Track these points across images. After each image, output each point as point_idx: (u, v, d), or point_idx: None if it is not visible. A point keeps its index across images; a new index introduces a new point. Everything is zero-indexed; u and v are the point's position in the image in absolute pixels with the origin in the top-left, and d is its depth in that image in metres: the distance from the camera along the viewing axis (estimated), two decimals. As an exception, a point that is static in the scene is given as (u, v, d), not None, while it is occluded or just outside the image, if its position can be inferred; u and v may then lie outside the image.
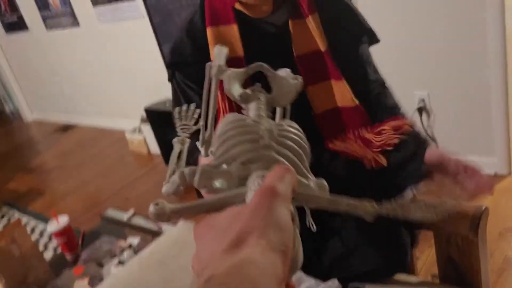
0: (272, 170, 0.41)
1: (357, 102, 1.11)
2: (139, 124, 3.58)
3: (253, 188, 0.42)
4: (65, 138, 4.72)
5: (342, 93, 1.12)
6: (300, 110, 1.15)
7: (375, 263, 1.08)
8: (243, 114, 0.56)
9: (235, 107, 1.11)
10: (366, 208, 0.49)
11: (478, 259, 1.11)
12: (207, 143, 0.58)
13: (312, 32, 1.10)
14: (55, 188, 3.56)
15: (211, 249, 0.36)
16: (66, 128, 4.96)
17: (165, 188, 0.51)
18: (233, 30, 1.10)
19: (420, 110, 2.34)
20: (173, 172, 0.52)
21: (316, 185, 0.49)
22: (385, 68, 1.25)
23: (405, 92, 2.34)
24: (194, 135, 0.63)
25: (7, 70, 5.45)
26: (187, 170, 0.47)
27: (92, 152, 4.08)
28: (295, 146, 0.50)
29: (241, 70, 0.62)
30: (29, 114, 5.68)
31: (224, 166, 0.47)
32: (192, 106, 0.69)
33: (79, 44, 4.25)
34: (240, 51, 1.10)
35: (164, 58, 3.06)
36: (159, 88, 3.31)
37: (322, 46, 1.10)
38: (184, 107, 0.69)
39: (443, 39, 2.16)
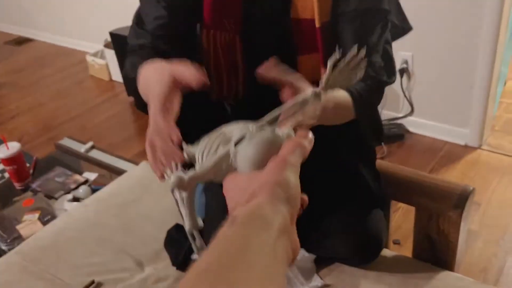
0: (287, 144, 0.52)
1: None
2: (102, 48, 3.34)
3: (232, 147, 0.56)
4: (20, 52, 4.38)
5: None
6: None
7: (346, 253, 1.04)
8: None
9: None
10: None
11: (457, 239, 1.08)
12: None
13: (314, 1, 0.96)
14: (5, 106, 3.31)
15: (235, 201, 0.51)
16: (20, 41, 4.60)
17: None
18: None
19: (402, 71, 2.27)
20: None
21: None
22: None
23: (390, 51, 2.26)
24: None
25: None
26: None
27: (48, 71, 3.80)
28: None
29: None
30: (-21, 21, 5.23)
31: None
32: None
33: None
34: None
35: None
36: (127, 12, 3.06)
37: (318, 19, 0.96)
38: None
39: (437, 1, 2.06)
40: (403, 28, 1.05)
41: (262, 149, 0.55)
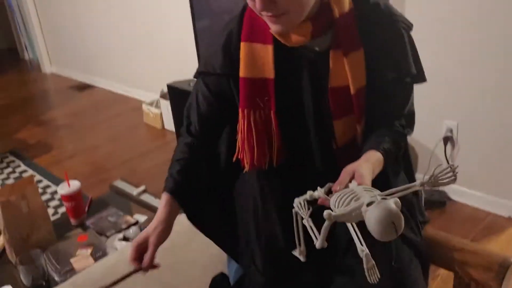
0: None
1: None
2: (158, 98, 3.55)
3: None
4: (80, 97, 4.69)
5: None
6: (324, 142, 1.11)
7: None
8: None
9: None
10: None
11: (495, 309, 1.08)
12: None
13: (351, 69, 1.04)
14: (63, 146, 3.54)
15: None
16: (82, 87, 4.93)
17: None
18: (268, 50, 1.05)
19: (446, 139, 2.31)
20: None
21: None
22: (419, 92, 1.20)
23: (435, 120, 2.31)
24: None
25: (34, 17, 5.40)
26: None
27: (105, 116, 4.05)
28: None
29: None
30: (48, 66, 5.65)
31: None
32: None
33: (110, 5, 4.21)
34: (270, 73, 1.06)
35: (196, 34, 2.99)
36: (184, 66, 3.27)
37: (354, 85, 1.04)
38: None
39: (485, 71, 2.12)
40: (419, 79, 1.11)
41: (385, 214, 0.73)
